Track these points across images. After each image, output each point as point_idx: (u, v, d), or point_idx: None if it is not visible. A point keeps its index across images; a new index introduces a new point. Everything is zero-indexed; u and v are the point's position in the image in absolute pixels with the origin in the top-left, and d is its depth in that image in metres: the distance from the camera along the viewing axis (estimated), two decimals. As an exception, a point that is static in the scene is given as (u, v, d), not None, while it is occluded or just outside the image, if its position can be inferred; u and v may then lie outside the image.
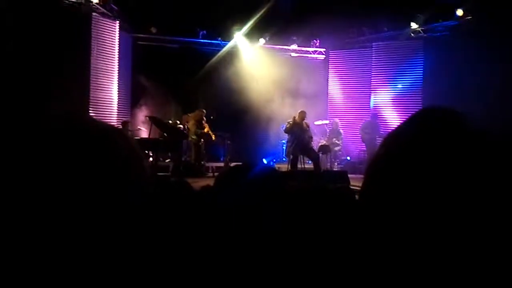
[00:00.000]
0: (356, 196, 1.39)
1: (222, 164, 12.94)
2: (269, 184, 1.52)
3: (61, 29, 10.52)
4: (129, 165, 0.72)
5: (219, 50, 14.76)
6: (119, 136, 0.74)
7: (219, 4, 12.91)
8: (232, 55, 14.77)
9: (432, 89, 12.75)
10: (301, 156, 11.62)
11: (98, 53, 12.23)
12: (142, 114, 13.62)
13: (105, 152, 0.70)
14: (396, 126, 0.86)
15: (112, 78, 12.82)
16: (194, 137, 12.18)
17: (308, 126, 11.61)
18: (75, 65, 11.28)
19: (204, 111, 12.65)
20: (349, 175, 9.47)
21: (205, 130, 12.45)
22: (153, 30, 13.89)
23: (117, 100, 13.01)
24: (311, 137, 12.05)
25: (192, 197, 2.37)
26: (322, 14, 13.33)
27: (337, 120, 14.35)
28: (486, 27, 11.59)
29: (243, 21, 14.22)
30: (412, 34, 13.65)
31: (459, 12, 12.14)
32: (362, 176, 0.85)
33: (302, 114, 11.43)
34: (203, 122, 12.50)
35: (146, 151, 11.16)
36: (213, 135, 12.62)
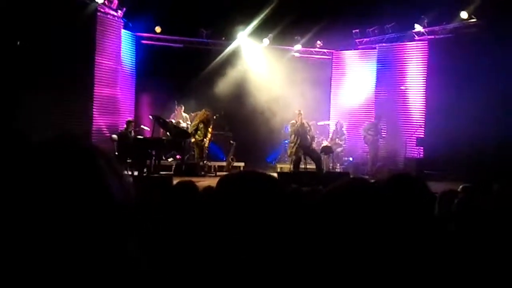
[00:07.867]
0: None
1: (224, 163, 12.93)
2: (269, 189, 1.53)
3: (66, 27, 10.58)
4: (108, 182, 0.74)
5: (223, 50, 14.76)
6: (98, 154, 0.76)
7: (223, 4, 12.93)
8: (235, 55, 14.77)
9: (436, 91, 12.73)
10: (304, 156, 11.61)
11: (103, 51, 12.27)
12: (145, 113, 13.63)
13: (84, 170, 0.72)
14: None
15: (116, 76, 12.87)
16: (197, 136, 11.93)
17: (309, 126, 11.59)
18: (80, 63, 11.33)
19: (209, 112, 12.32)
20: (351, 176, 9.44)
21: (208, 136, 12.06)
22: (158, 29, 13.91)
23: (121, 99, 13.05)
24: (314, 137, 12.01)
25: (197, 199, 2.38)
26: (325, 15, 13.35)
27: (340, 120, 14.32)
28: (490, 30, 11.57)
29: (247, 22, 14.21)
30: (416, 36, 13.64)
31: (464, 15, 12.10)
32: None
33: (298, 114, 11.34)
34: (210, 124, 12.16)
35: (149, 150, 11.16)
36: (207, 143, 12.12)
